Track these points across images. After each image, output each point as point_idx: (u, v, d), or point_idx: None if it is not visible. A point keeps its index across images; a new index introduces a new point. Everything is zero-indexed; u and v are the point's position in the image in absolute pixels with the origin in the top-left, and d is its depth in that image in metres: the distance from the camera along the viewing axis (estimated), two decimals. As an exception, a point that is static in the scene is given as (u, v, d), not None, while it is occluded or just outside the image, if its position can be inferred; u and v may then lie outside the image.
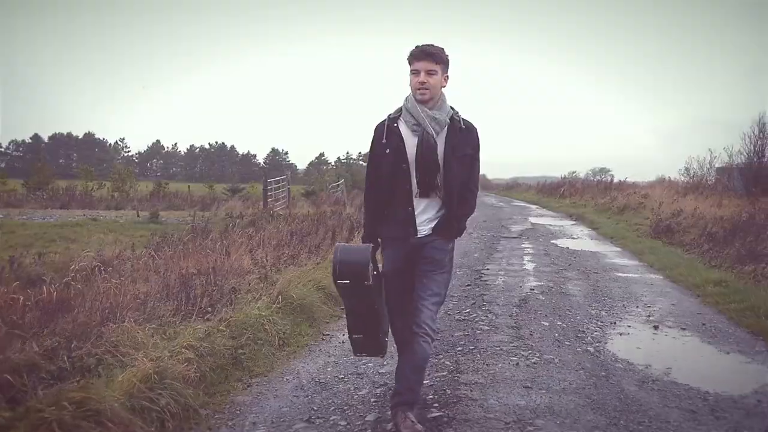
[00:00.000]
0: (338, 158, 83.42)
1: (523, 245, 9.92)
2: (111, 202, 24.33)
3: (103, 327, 3.65)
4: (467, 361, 3.74)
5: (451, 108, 2.80)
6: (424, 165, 2.69)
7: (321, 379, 3.48)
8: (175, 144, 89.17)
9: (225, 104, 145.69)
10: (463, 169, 2.77)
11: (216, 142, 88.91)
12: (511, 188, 35.46)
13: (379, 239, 2.88)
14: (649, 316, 5.20)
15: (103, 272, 4.94)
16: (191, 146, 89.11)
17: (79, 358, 3.30)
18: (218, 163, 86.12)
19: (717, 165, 19.24)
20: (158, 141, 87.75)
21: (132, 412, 2.62)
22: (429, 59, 2.69)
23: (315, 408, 3.04)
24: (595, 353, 4.03)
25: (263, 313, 4.20)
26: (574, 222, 15.29)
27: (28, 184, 29.04)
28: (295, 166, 73.50)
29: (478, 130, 2.85)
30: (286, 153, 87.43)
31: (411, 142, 2.73)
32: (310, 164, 76.55)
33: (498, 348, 4.04)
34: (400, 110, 2.81)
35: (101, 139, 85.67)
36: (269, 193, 18.63)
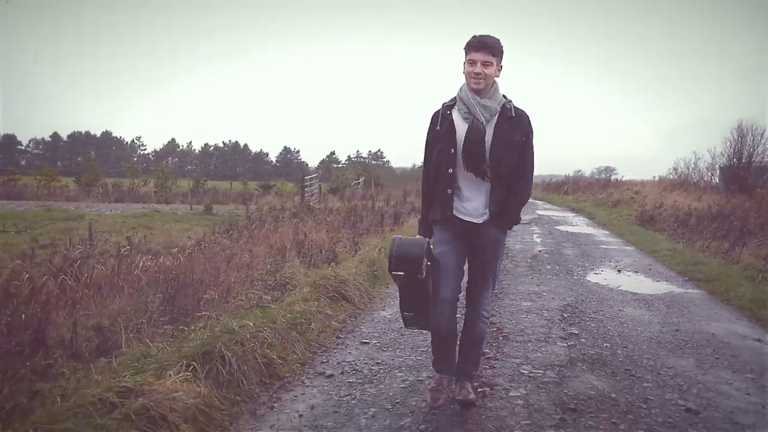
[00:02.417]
0: (348, 156, 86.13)
1: (532, 229, 12.77)
2: (160, 196, 26.90)
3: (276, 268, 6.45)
4: (504, 278, 6.61)
5: (504, 96, 2.86)
6: (471, 151, 2.77)
7: (425, 284, 6.35)
8: (190, 142, 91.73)
9: (238, 103, 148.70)
10: (511, 156, 2.79)
11: (230, 141, 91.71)
12: (519, 186, 37.92)
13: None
14: (616, 266, 8.01)
15: (206, 247, 7.54)
16: (205, 144, 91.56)
17: (280, 278, 6.15)
18: (231, 161, 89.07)
19: (702, 165, 21.96)
20: (173, 139, 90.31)
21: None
22: (486, 51, 2.76)
23: (429, 293, 5.92)
24: (577, 278, 6.88)
25: (379, 256, 7.06)
26: (574, 214, 18.08)
27: (80, 180, 32.05)
28: (307, 164, 76.32)
29: (530, 118, 2.88)
30: (298, 151, 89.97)
31: (462, 129, 2.81)
32: (322, 162, 79.51)
33: (520, 273, 6.93)
34: (454, 99, 2.90)
35: (119, 137, 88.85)
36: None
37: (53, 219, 14.54)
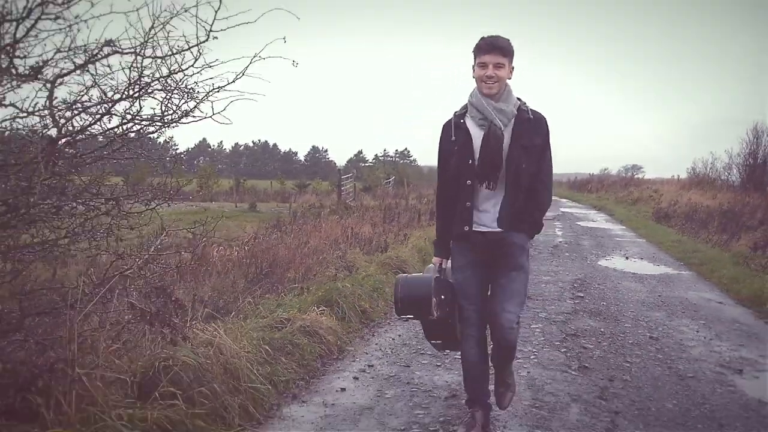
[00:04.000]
0: (376, 155, 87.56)
1: (555, 224, 14.20)
2: (204, 195, 28.57)
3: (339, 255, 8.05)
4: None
5: (518, 99, 2.76)
6: (490, 158, 2.65)
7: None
8: (221, 142, 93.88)
9: (267, 103, 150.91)
10: (531, 160, 2.71)
11: (259, 141, 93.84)
12: (545, 184, 39.07)
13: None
14: (625, 254, 9.45)
15: (264, 240, 9.14)
16: (236, 144, 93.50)
17: (347, 262, 7.75)
18: (261, 160, 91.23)
19: (719, 165, 23.02)
20: (204, 139, 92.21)
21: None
22: (497, 52, 2.66)
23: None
24: (590, 263, 8.36)
25: (425, 244, 8.63)
26: (596, 211, 19.42)
27: (128, 179, 34.20)
28: (335, 163, 77.94)
29: (547, 120, 2.78)
30: (326, 150, 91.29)
31: (478, 137, 2.70)
32: (349, 161, 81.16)
33: (542, 258, 8.44)
34: (465, 107, 2.79)
35: (150, 137, 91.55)
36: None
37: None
